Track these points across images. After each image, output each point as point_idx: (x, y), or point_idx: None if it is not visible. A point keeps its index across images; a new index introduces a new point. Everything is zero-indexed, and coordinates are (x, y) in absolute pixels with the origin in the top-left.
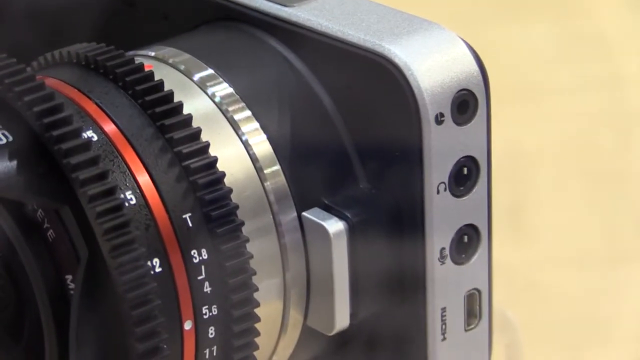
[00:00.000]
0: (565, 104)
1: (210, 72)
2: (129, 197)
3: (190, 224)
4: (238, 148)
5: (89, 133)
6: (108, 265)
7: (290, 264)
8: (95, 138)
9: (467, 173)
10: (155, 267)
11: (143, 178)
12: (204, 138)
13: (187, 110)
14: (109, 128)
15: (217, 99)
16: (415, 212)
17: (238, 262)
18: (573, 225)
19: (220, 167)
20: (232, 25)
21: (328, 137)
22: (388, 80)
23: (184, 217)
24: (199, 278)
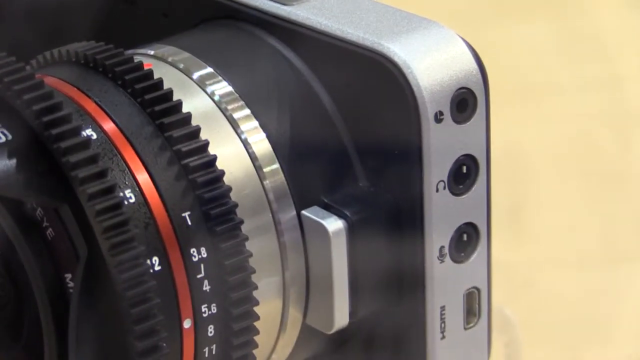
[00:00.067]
0: (565, 104)
1: (210, 70)
2: (128, 195)
3: (190, 222)
4: (237, 146)
5: (88, 131)
6: (107, 264)
7: (290, 263)
8: (95, 136)
9: (466, 171)
10: (155, 265)
11: (142, 176)
12: (203, 136)
13: (186, 109)
14: (108, 126)
15: (216, 98)
16: (415, 210)
17: (237, 260)
18: (573, 225)
19: (220, 165)
20: (231, 24)
21: (327, 135)
22: (387, 79)
23: (183, 215)
24: (198, 276)
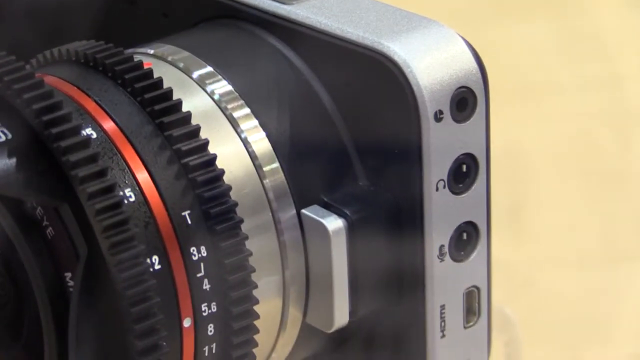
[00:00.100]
0: (565, 104)
1: (209, 69)
2: (128, 194)
3: (190, 221)
4: (237, 145)
5: (88, 130)
6: (107, 263)
7: (290, 262)
8: (95, 135)
9: (466, 170)
10: (155, 264)
11: (142, 175)
12: (203, 135)
13: (186, 108)
14: (108, 125)
15: (216, 97)
16: (415, 209)
17: (237, 259)
18: (572, 225)
19: (219, 164)
20: (231, 23)
21: (327, 134)
22: (387, 78)
23: (183, 214)
24: (198, 275)
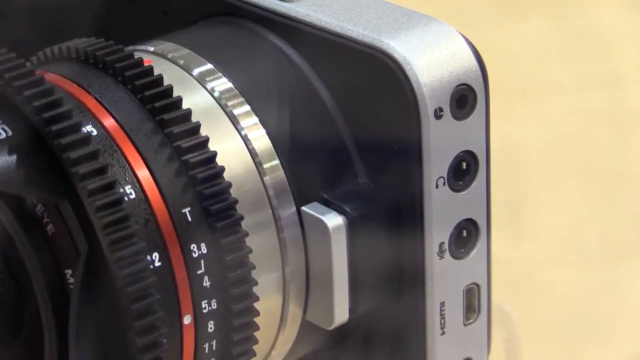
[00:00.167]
0: (565, 103)
1: (210, 67)
2: (129, 191)
3: (190, 218)
4: (237, 142)
5: (89, 127)
6: (107, 260)
7: (290, 259)
8: (95, 132)
9: (466, 168)
10: (155, 261)
11: (142, 172)
12: (203, 133)
13: (186, 105)
14: (109, 123)
15: (216, 94)
16: (415, 206)
17: (237, 256)
18: (572, 224)
19: (220, 161)
20: (231, 21)
21: (327, 131)
22: (387, 75)
23: (184, 211)
24: (199, 272)
